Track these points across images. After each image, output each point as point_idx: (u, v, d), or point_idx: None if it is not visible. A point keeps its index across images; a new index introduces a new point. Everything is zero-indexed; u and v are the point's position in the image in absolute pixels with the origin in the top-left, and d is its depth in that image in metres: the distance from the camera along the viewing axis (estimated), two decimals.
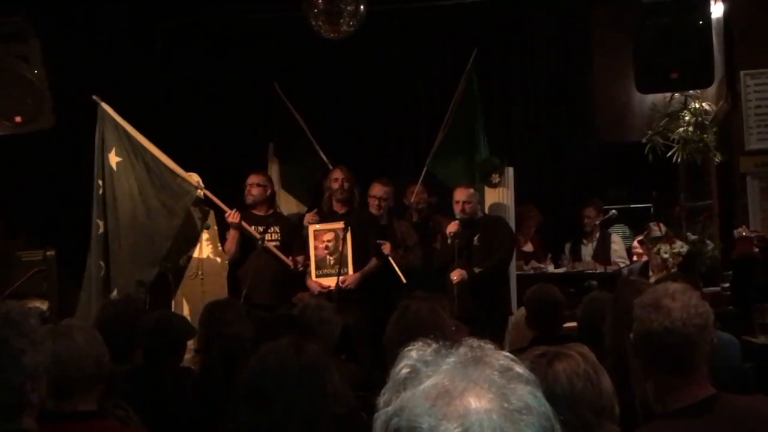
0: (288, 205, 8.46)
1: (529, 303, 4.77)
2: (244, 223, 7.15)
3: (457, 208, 7.08)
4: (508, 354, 1.17)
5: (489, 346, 1.17)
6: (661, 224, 7.72)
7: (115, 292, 6.93)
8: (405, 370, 1.14)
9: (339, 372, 2.23)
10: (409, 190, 8.05)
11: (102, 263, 6.92)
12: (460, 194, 7.11)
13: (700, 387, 2.54)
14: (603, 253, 8.06)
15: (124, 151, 7.04)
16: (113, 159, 7.04)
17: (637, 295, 2.73)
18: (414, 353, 1.17)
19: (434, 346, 1.17)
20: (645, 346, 2.55)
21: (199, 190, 7.05)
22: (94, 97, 7.05)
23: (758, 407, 2.54)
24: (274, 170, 8.57)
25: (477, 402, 1.07)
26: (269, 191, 7.45)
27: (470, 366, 1.12)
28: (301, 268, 7.25)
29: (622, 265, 8.02)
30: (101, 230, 6.95)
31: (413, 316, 3.32)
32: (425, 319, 3.29)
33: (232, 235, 7.20)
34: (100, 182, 6.99)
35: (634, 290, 3.05)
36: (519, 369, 1.14)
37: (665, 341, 2.50)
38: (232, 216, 7.10)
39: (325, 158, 8.06)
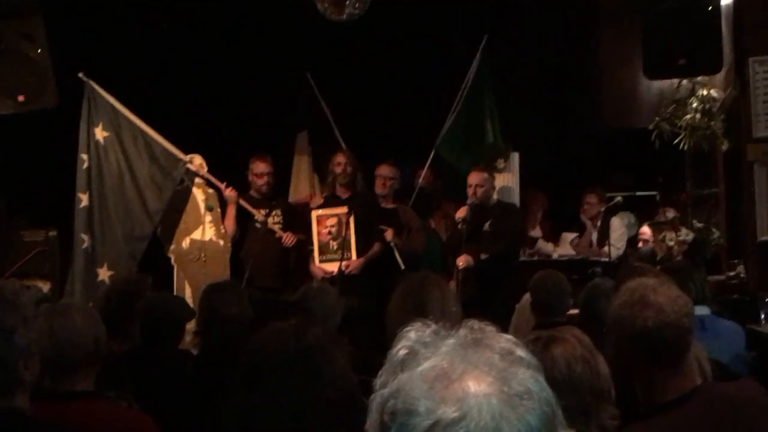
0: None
1: (535, 288, 4.75)
2: (242, 200, 7.12)
3: (469, 192, 7.03)
4: (510, 337, 1.13)
5: (490, 329, 1.14)
6: (672, 209, 7.66)
7: (105, 267, 6.98)
8: (403, 351, 1.11)
9: (341, 355, 2.19)
10: (418, 173, 8.05)
11: (84, 236, 6.98)
12: (474, 178, 7.07)
13: (687, 378, 2.54)
14: (606, 239, 7.99)
15: (111, 126, 7.16)
16: (100, 133, 7.17)
17: None
18: (412, 334, 1.13)
19: (433, 327, 1.14)
20: (637, 345, 2.52)
21: (188, 164, 7.11)
22: (81, 75, 7.10)
23: (742, 393, 2.54)
24: (304, 160, 8.54)
25: (476, 385, 1.03)
26: (274, 176, 7.41)
27: (470, 348, 1.08)
28: (290, 243, 7.17)
29: (615, 251, 7.84)
30: (84, 204, 7.05)
31: (419, 285, 3.28)
32: (430, 288, 3.25)
33: (229, 214, 7.15)
34: (84, 156, 7.12)
35: (638, 276, 3.02)
36: (521, 353, 1.10)
37: (661, 336, 2.49)
38: (230, 191, 7.08)
39: (344, 146, 7.90)
